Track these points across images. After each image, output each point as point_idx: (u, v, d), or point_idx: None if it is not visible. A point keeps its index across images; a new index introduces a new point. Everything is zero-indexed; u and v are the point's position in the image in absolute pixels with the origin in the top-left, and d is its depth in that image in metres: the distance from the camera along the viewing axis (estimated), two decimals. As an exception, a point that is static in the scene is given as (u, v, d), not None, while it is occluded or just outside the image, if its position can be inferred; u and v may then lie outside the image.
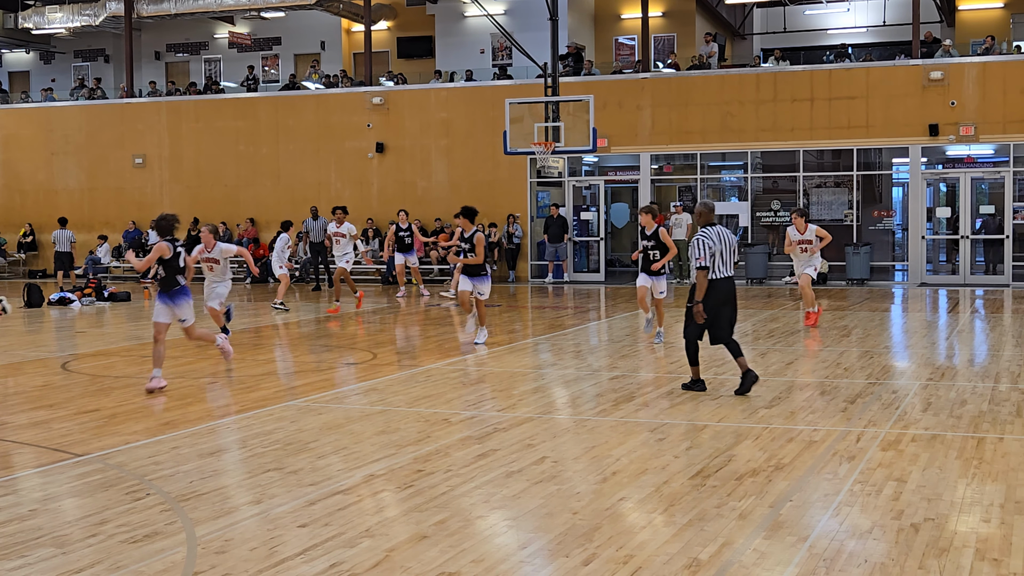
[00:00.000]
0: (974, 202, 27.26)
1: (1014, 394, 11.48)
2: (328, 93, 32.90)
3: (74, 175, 34.42)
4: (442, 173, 30.59)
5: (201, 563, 6.18)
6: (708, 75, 29.20)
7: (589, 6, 35.87)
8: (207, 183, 32.91)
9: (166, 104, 34.04)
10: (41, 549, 6.50)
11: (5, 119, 35.68)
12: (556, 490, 7.71)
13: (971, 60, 27.30)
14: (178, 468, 8.50)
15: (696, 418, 10.34)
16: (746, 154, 28.65)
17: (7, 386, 12.91)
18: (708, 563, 6.10)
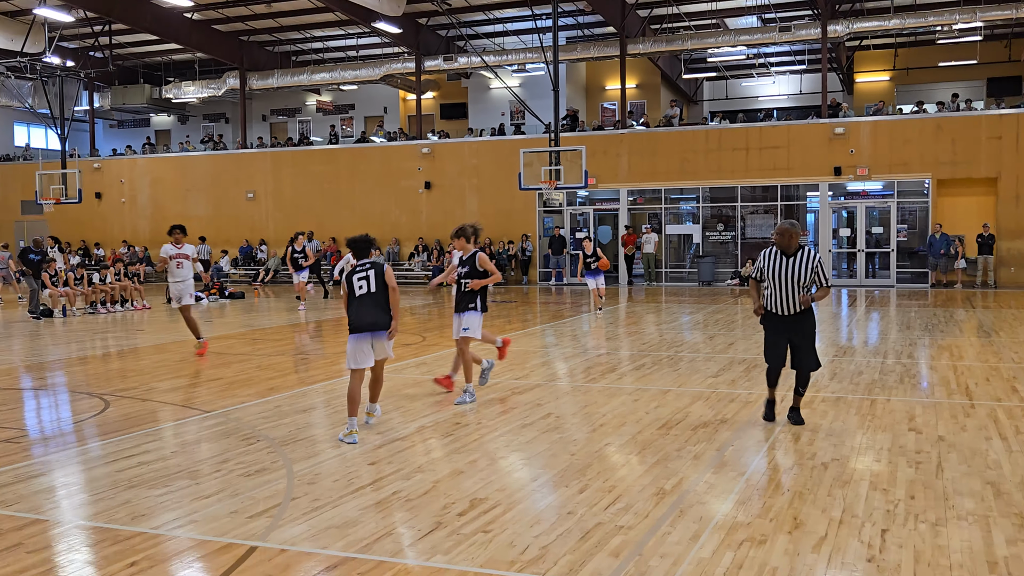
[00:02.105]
0: (867, 224, 27.22)
1: (898, 367, 11.44)
2: (389, 145, 32.95)
3: (202, 206, 34.55)
4: (473, 204, 30.61)
5: (297, 491, 6.19)
6: (670, 131, 29.15)
7: (582, 80, 35.84)
8: (300, 212, 32.97)
9: (270, 154, 34.13)
10: (180, 480, 6.53)
11: (152, 165, 35.84)
12: (558, 438, 7.71)
13: (865, 119, 27.18)
14: (280, 421, 8.53)
15: (662, 385, 10.32)
16: (698, 189, 28.59)
17: (155, 361, 12.96)
18: (671, 491, 6.09)
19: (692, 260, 28.90)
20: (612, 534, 5.24)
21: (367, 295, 7.63)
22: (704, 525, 5.39)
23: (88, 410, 9.33)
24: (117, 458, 7.19)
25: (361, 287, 7.63)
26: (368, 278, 7.65)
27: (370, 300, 7.60)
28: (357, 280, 7.65)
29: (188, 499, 6.05)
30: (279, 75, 35.17)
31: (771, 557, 4.86)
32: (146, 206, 35.52)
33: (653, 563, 4.80)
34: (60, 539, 5.38)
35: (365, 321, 7.56)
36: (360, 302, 7.61)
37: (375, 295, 7.63)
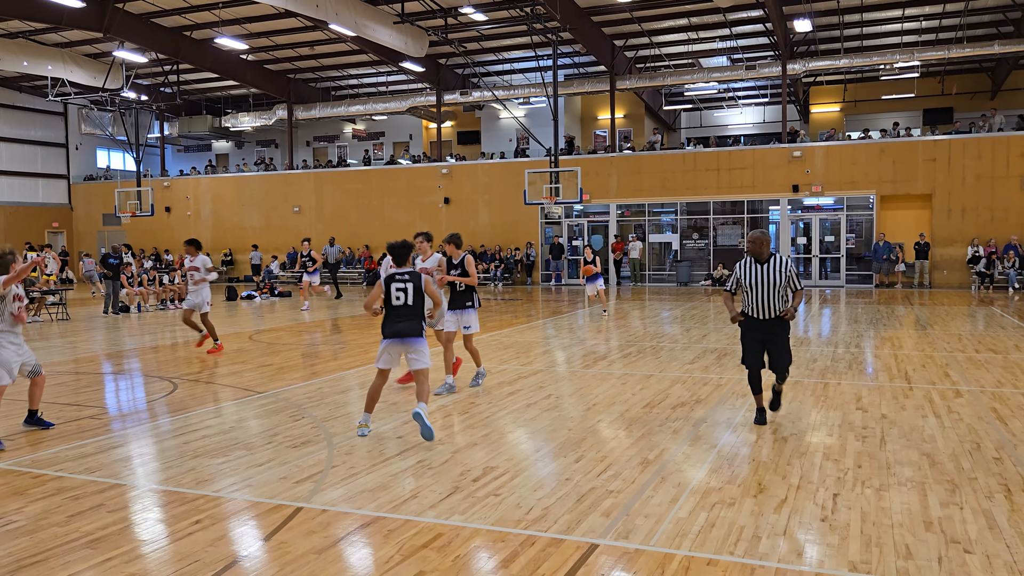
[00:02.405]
0: (820, 234, 27.09)
1: (847, 355, 11.39)
2: (414, 167, 32.91)
3: (256, 218, 34.58)
4: (485, 216, 30.56)
5: (336, 460, 6.19)
6: (653, 154, 29.05)
7: (577, 111, 35.76)
8: (338, 223, 32.97)
9: (313, 174, 34.13)
10: (237, 451, 6.54)
11: (214, 184, 35.89)
12: (557, 415, 7.70)
13: (819, 144, 27.05)
14: (321, 401, 8.53)
15: (645, 371, 10.29)
16: (676, 204, 28.50)
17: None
18: (654, 461, 6.07)
19: (671, 264, 28.81)
20: (603, 497, 5.23)
21: (403, 307, 6.78)
22: (682, 490, 5.37)
23: (159, 391, 9.35)
24: (184, 432, 7.20)
25: (399, 298, 6.77)
26: (407, 290, 6.78)
27: (405, 311, 6.78)
28: (396, 289, 6.79)
29: (244, 467, 6.05)
30: (320, 107, 35.16)
31: (739, 517, 4.85)
32: (208, 219, 35.55)
33: (639, 522, 4.79)
34: (136, 500, 5.39)
35: (396, 328, 6.78)
36: (396, 312, 6.79)
37: (411, 308, 6.80)
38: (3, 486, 5.62)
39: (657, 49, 30.72)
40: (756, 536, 4.55)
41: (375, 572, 4.15)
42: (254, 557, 4.37)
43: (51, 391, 9.41)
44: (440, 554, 4.36)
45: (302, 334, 15.11)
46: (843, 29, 27.97)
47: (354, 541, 4.58)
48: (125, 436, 7.19)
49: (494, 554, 4.36)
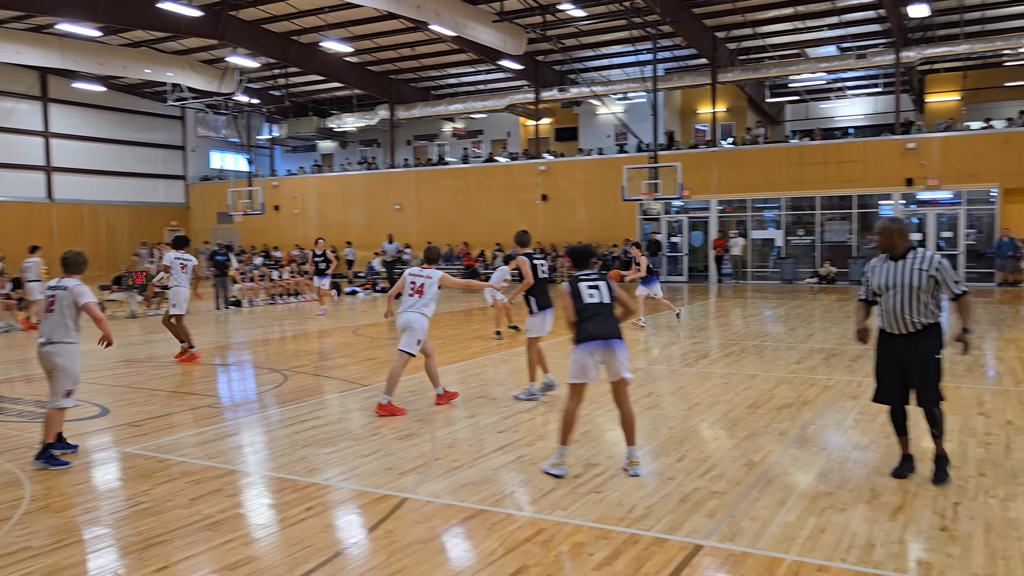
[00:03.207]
0: (937, 229, 25.75)
1: (967, 357, 10.77)
2: (512, 164, 33.11)
3: (359, 216, 35.54)
4: (582, 213, 30.46)
5: (439, 453, 6.31)
6: (756, 148, 28.27)
7: (677, 105, 35.18)
8: (438, 220, 33.53)
9: (414, 172, 34.82)
10: (344, 441, 6.75)
11: (320, 183, 37.08)
12: (658, 414, 7.61)
13: (936, 135, 25.72)
14: (424, 394, 8.69)
15: (749, 370, 10.05)
16: (780, 199, 27.66)
17: (321, 343, 13.41)
18: (759, 463, 5.93)
19: (775, 261, 27.98)
20: (707, 498, 5.15)
21: (599, 304, 5.84)
22: (789, 493, 5.23)
23: (270, 383, 9.74)
24: (294, 422, 7.48)
25: (592, 295, 5.85)
26: (599, 288, 5.89)
27: (601, 309, 5.84)
28: (587, 288, 5.87)
29: (351, 457, 6.24)
30: (421, 106, 35.82)
31: (851, 523, 4.68)
32: (314, 216, 36.78)
33: (744, 524, 4.69)
34: (251, 486, 5.64)
35: (598, 331, 5.71)
36: (591, 310, 5.80)
37: (608, 305, 5.89)
38: (133, 469, 5.99)
39: (761, 40, 29.87)
40: (870, 543, 4.38)
41: (479, 564, 4.21)
42: (362, 545, 4.51)
43: (171, 381, 9.95)
44: (543, 549, 4.38)
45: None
46: (963, 13, 26.47)
47: (458, 533, 4.67)
48: (240, 425, 7.54)
49: (596, 551, 4.35)
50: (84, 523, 4.92)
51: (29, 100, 33.47)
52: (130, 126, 37.24)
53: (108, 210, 36.19)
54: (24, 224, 32.21)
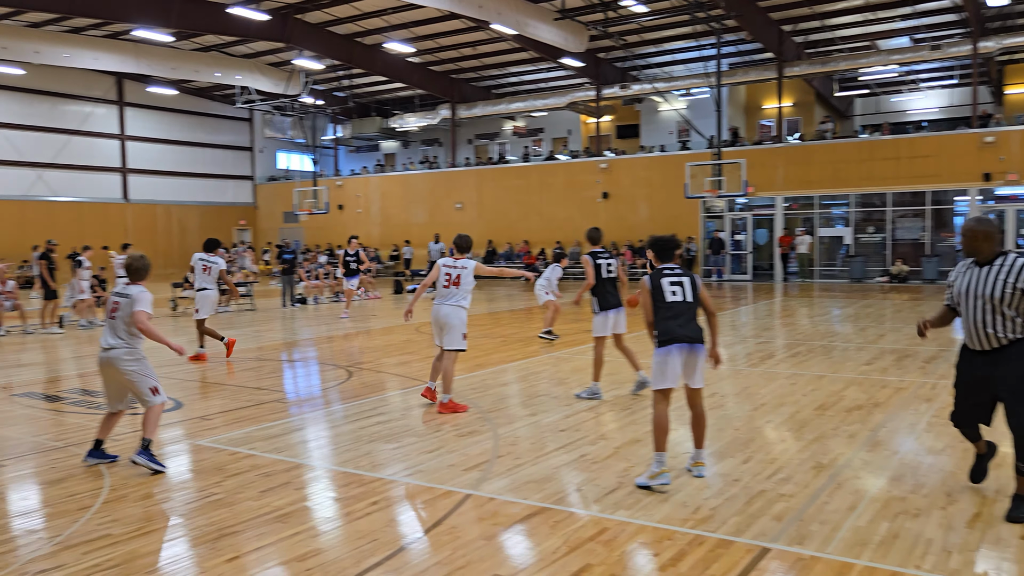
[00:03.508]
0: (1016, 227, 24.73)
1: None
2: (573, 162, 33.03)
3: (420, 215, 35.91)
4: (644, 211, 30.21)
5: (501, 450, 6.34)
6: (824, 143, 27.62)
7: (741, 100, 34.59)
8: (498, 219, 33.67)
9: (475, 171, 35.03)
10: (407, 437, 6.83)
11: (382, 182, 37.61)
12: (723, 414, 7.51)
13: (1015, 128, 24.70)
14: (485, 392, 8.75)
15: (816, 371, 9.82)
16: (849, 195, 26.95)
17: (385, 340, 13.56)
18: (828, 466, 5.80)
19: (843, 259, 27.28)
20: (774, 501, 5.06)
21: (682, 303, 5.49)
22: (860, 497, 5.10)
23: (334, 379, 9.92)
24: (358, 418, 7.61)
25: (675, 292, 5.50)
26: (683, 284, 5.54)
27: (685, 309, 5.48)
28: (669, 284, 5.53)
29: (415, 453, 6.32)
30: (482, 105, 36.02)
31: (926, 529, 4.54)
32: (377, 215, 37.31)
33: (813, 528, 4.59)
34: (317, 480, 5.76)
35: (681, 332, 5.41)
36: (672, 309, 5.46)
37: (691, 305, 5.53)
38: (205, 461, 6.17)
39: (830, 32, 29.15)
40: (945, 550, 4.25)
41: (542, 562, 4.22)
42: (426, 540, 4.56)
43: (241, 376, 10.22)
44: (606, 548, 4.37)
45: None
46: (1046, 0, 25.38)
47: (521, 530, 4.68)
48: (306, 420, 7.70)
49: (661, 551, 4.32)
50: (160, 513, 5.10)
51: (106, 104, 34.77)
52: (201, 128, 38.37)
53: (180, 210, 37.37)
54: (101, 224, 33.50)
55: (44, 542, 4.58)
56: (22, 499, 5.46)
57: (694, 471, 5.59)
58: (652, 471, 5.31)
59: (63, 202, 33.06)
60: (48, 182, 32.75)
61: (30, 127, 32.15)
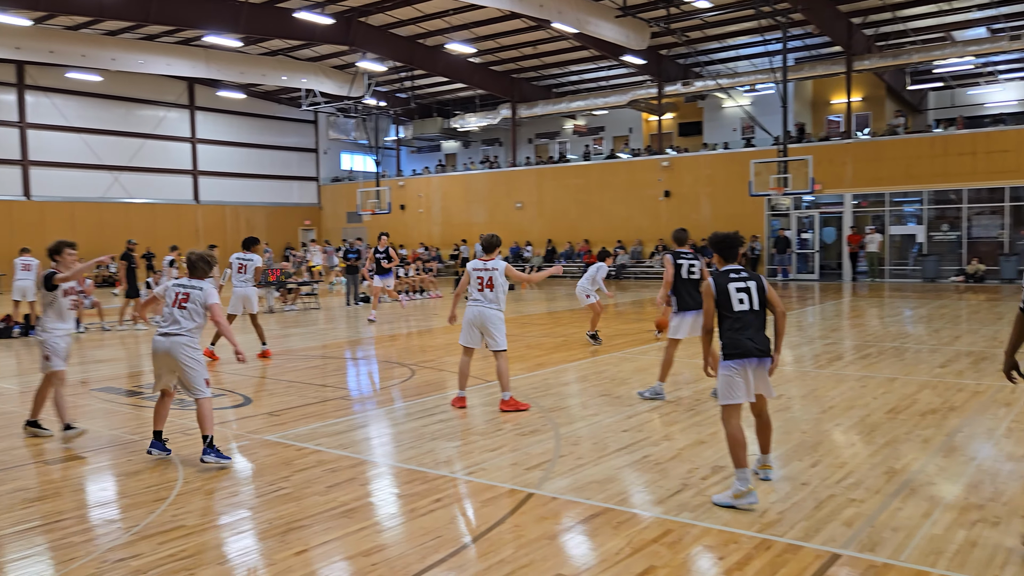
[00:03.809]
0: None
1: None
2: (634, 160, 32.77)
3: (480, 214, 36.09)
4: (707, 209, 29.79)
5: (563, 450, 6.33)
6: (895, 139, 26.80)
7: (808, 95, 33.82)
8: (558, 218, 33.63)
9: (535, 170, 35.04)
10: (470, 436, 6.87)
11: (443, 182, 37.92)
12: (789, 417, 7.35)
13: (1102, 120, 23.59)
14: (547, 392, 8.75)
15: (888, 374, 9.54)
16: (922, 192, 26.09)
17: (447, 339, 13.52)
18: (901, 471, 5.63)
19: (915, 258, 26.43)
20: (844, 506, 4.93)
21: (750, 312, 5.15)
22: (935, 504, 4.94)
23: (398, 376, 10.04)
24: (421, 415, 7.69)
25: (742, 300, 5.15)
26: (750, 291, 5.19)
27: (753, 319, 5.14)
28: (736, 291, 5.17)
29: (477, 451, 6.36)
30: (543, 105, 36.02)
31: (1006, 539, 4.37)
32: (438, 215, 37.65)
33: (885, 535, 4.47)
34: (382, 476, 5.84)
35: (752, 346, 5.08)
36: (740, 320, 5.13)
37: (759, 314, 5.19)
38: (273, 456, 6.32)
39: (902, 24, 28.28)
40: (1028, 562, 4.08)
41: (606, 563, 4.20)
42: (490, 538, 4.59)
43: (306, 373, 10.43)
44: (670, 550, 4.33)
45: (525, 326, 15.55)
46: None
47: (584, 530, 4.67)
48: (370, 417, 7.82)
49: (726, 555, 4.26)
50: (231, 505, 5.24)
51: (178, 108, 35.89)
52: (267, 131, 39.29)
53: (247, 211, 38.32)
54: (173, 224, 34.59)
55: (122, 531, 4.76)
56: (101, 490, 5.68)
57: (761, 474, 5.46)
58: (737, 489, 4.94)
59: (138, 203, 34.23)
60: (124, 184, 33.95)
61: (107, 131, 33.38)
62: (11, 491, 5.54)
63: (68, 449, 6.66)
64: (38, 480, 5.87)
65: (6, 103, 30.74)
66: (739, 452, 5.03)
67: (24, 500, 5.34)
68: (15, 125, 30.88)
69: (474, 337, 7.83)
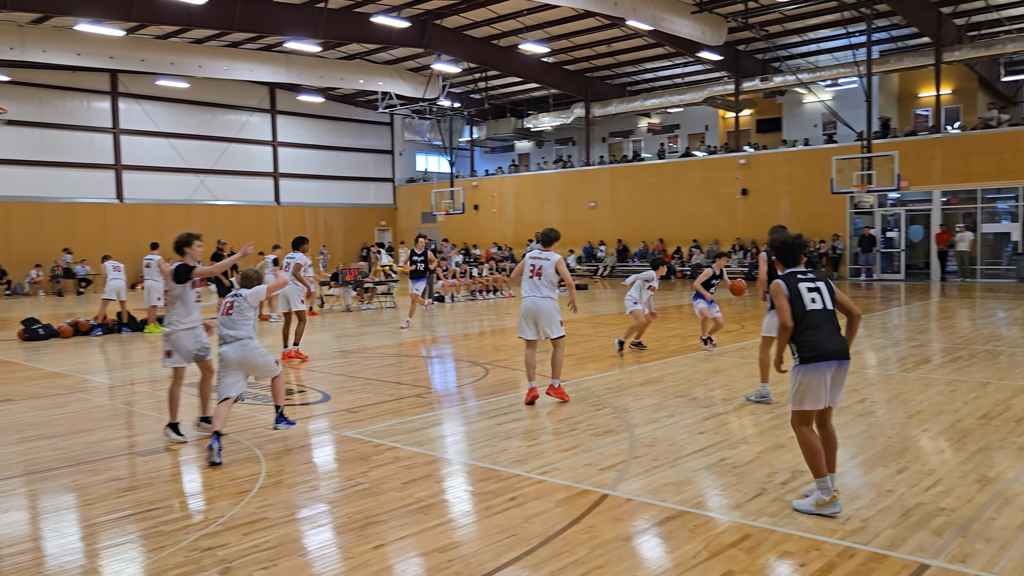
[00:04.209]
0: None
1: None
2: (710, 158, 32.25)
3: (554, 214, 36.06)
4: (786, 207, 29.08)
5: (638, 451, 6.28)
6: (988, 133, 25.62)
7: (894, 89, 32.64)
8: (632, 217, 33.35)
9: (608, 169, 34.83)
10: (544, 435, 6.87)
11: (516, 182, 38.04)
12: (873, 421, 7.12)
13: None
14: (621, 392, 8.69)
15: (980, 378, 9.13)
16: (1017, 188, 24.86)
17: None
18: (994, 480, 5.39)
19: (1009, 258, 25.22)
20: (933, 514, 4.75)
21: (823, 312, 4.92)
22: (1032, 515, 4.70)
23: (472, 375, 10.12)
24: (495, 414, 7.73)
25: (814, 300, 4.93)
26: (820, 290, 4.98)
27: (827, 318, 4.92)
28: (807, 291, 4.96)
29: (551, 451, 6.36)
30: (616, 103, 35.78)
31: (1111, 554, 4.13)
32: (511, 215, 37.80)
33: (978, 546, 4.28)
34: (456, 474, 5.90)
35: (830, 347, 4.83)
36: (814, 319, 4.89)
37: (832, 313, 4.97)
38: (351, 452, 6.46)
39: (995, 13, 27.03)
40: None
41: (682, 566, 4.14)
42: (564, 538, 4.58)
43: (382, 371, 10.61)
44: (749, 556, 4.24)
45: (598, 326, 15.48)
46: None
47: (659, 533, 4.62)
48: (445, 415, 7.91)
49: (807, 562, 4.15)
50: (311, 499, 5.37)
51: (260, 113, 37.01)
52: (345, 133, 40.15)
53: (325, 212, 39.24)
54: (255, 225, 35.69)
55: (208, 522, 4.93)
56: (188, 481, 5.90)
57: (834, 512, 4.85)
58: (820, 498, 4.75)
59: (222, 205, 35.44)
60: (209, 187, 35.20)
61: (193, 136, 34.67)
62: (106, 480, 5.81)
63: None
64: (131, 471, 6.14)
65: (101, 110, 32.25)
66: (817, 460, 4.82)
67: (118, 490, 5.59)
68: (109, 131, 32.37)
69: (530, 329, 8.12)
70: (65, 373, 10.53)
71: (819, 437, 4.94)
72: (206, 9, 24.30)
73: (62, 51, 25.38)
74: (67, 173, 31.27)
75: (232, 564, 4.27)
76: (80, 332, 15.23)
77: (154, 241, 16.92)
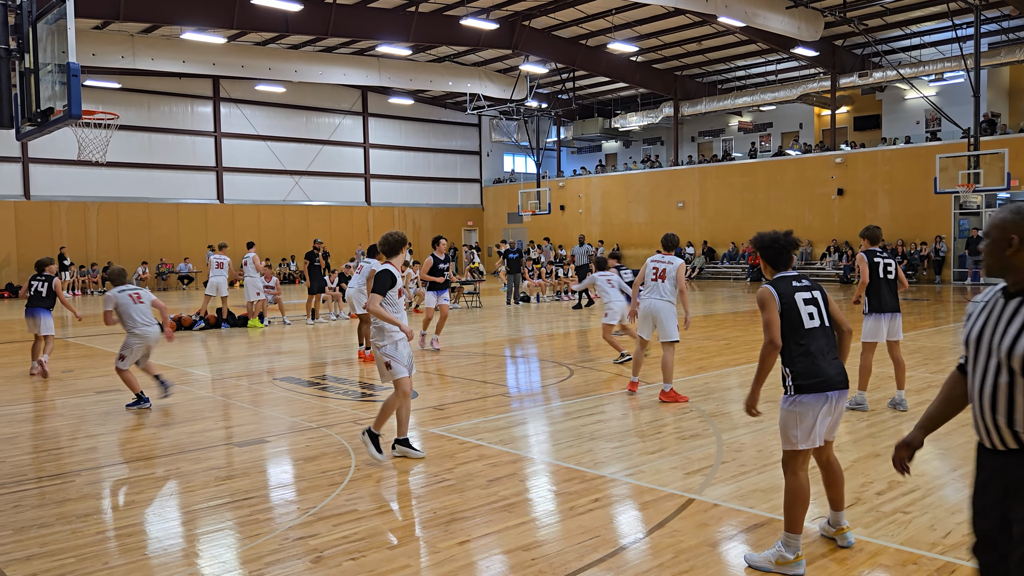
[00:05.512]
0: None
1: None
2: (804, 157, 31.32)
3: (641, 215, 35.73)
4: (885, 208, 27.97)
5: (725, 456, 6.17)
6: (1108, 128, 24.08)
7: (1004, 83, 30.97)
8: (722, 218, 32.71)
9: (698, 169, 34.26)
10: (629, 437, 6.81)
11: (603, 182, 37.84)
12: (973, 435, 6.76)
13: None
14: (708, 396, 8.55)
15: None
16: None
17: (596, 339, 13.58)
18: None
19: None
20: (1043, 532, 4.49)
21: (821, 329, 4.14)
22: None
23: (556, 376, 10.13)
24: (580, 415, 7.72)
25: (812, 315, 4.12)
26: (817, 302, 4.17)
27: (825, 338, 4.15)
28: (804, 302, 4.12)
29: (636, 453, 6.31)
30: (706, 102, 35.18)
31: None
32: (597, 215, 37.63)
33: (1093, 568, 4.02)
34: (540, 473, 5.92)
35: (834, 374, 4.10)
36: (813, 340, 4.10)
37: (830, 331, 4.21)
38: (437, 448, 6.57)
39: (1118, 0, 25.33)
40: None
41: (770, 575, 4.05)
42: (648, 541, 4.54)
43: (468, 370, 10.73)
44: (841, 567, 4.11)
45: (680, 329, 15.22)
46: None
47: (746, 539, 4.53)
48: (530, 415, 7.94)
49: (905, 575, 3.99)
50: (398, 494, 5.49)
51: (352, 115, 37.97)
52: (434, 135, 40.79)
53: (414, 212, 39.95)
54: (346, 225, 36.66)
55: (300, 512, 5.10)
56: (281, 472, 6.12)
57: (840, 540, 4.36)
58: (782, 555, 4.03)
59: (316, 206, 36.52)
60: (303, 188, 36.33)
61: (289, 139, 35.86)
62: (205, 469, 6.08)
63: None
64: (228, 460, 6.41)
65: (204, 115, 33.71)
66: (800, 512, 4.09)
67: (216, 478, 5.84)
68: (211, 135, 33.81)
69: (647, 328, 8.37)
70: (169, 366, 11.05)
71: (821, 476, 4.36)
72: (302, 16, 25.09)
73: (169, 59, 26.64)
74: (172, 175, 32.83)
75: (323, 554, 4.41)
76: (183, 327, 15.95)
77: (250, 240, 17.54)
